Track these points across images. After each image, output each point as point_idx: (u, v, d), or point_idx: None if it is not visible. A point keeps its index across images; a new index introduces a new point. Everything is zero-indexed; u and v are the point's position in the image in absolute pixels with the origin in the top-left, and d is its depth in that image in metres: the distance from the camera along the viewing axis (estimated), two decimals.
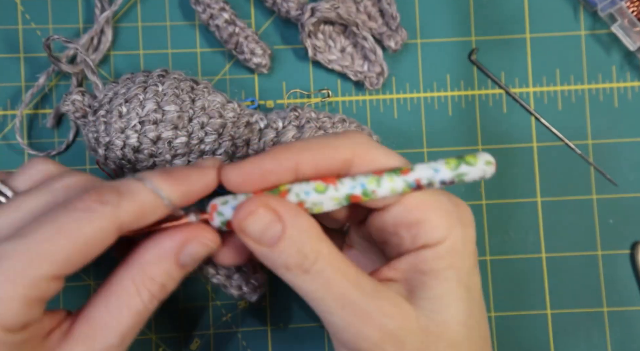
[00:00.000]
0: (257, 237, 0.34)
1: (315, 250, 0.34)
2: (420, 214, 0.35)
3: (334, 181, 0.35)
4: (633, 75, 0.53)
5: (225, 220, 0.36)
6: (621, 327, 0.51)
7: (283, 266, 0.34)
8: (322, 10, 0.49)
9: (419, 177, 0.35)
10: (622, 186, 0.52)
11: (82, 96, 0.45)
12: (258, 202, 0.34)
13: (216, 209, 0.36)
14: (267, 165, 0.35)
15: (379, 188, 0.35)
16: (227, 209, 0.35)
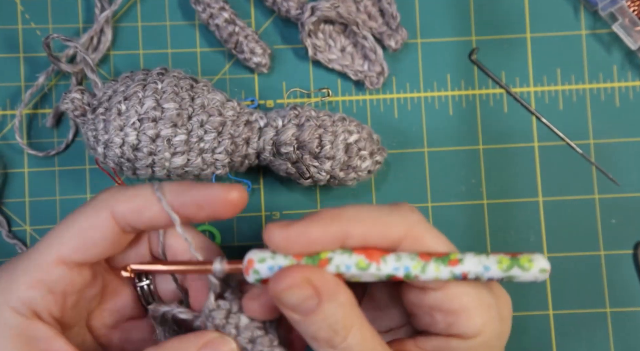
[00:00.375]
0: (292, 307, 0.33)
1: (346, 327, 0.33)
2: (460, 305, 0.34)
3: (377, 258, 0.34)
4: (634, 74, 0.52)
5: (259, 278, 0.35)
6: (624, 328, 0.51)
7: (312, 338, 0.33)
8: (322, 9, 0.49)
9: (467, 271, 0.34)
10: (624, 185, 0.52)
11: (81, 94, 0.45)
12: (299, 276, 0.33)
13: (253, 266, 0.35)
14: (314, 233, 0.34)
15: (422, 274, 0.34)
16: (263, 268, 0.34)
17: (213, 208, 0.35)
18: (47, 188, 0.50)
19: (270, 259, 0.34)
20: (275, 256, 0.34)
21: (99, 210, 0.36)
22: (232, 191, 0.35)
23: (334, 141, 0.46)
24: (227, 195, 0.35)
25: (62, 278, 0.35)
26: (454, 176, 0.52)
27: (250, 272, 0.35)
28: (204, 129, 0.44)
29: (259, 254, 0.35)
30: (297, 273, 0.33)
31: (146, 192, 0.36)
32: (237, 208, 0.36)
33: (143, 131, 0.43)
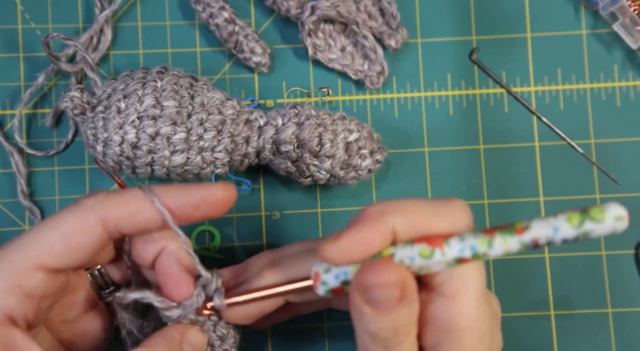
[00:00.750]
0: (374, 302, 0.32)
1: (407, 333, 0.33)
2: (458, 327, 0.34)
3: (440, 243, 0.33)
4: (635, 74, 0.52)
5: (329, 289, 0.34)
6: (626, 328, 0.51)
7: (370, 334, 0.33)
8: (322, 9, 0.49)
9: (537, 237, 0.31)
10: (625, 185, 0.52)
11: (80, 93, 0.45)
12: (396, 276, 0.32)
13: (319, 278, 0.34)
14: (365, 236, 0.33)
15: (490, 249, 0.32)
16: (330, 278, 0.34)
17: (209, 207, 0.36)
18: (47, 188, 0.50)
19: (335, 267, 0.34)
20: None
21: (87, 215, 0.35)
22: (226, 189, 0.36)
23: (334, 140, 0.46)
24: (222, 194, 0.36)
25: (40, 284, 0.34)
26: (454, 176, 0.51)
27: (319, 285, 0.34)
28: (203, 128, 0.44)
29: (323, 266, 0.34)
30: (393, 271, 0.32)
31: (139, 195, 0.35)
32: (230, 205, 0.36)
33: (142, 129, 0.43)
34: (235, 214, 0.51)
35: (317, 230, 0.51)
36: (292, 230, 0.51)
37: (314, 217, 0.51)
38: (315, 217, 0.51)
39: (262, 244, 0.50)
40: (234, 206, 0.50)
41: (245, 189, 0.50)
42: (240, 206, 0.51)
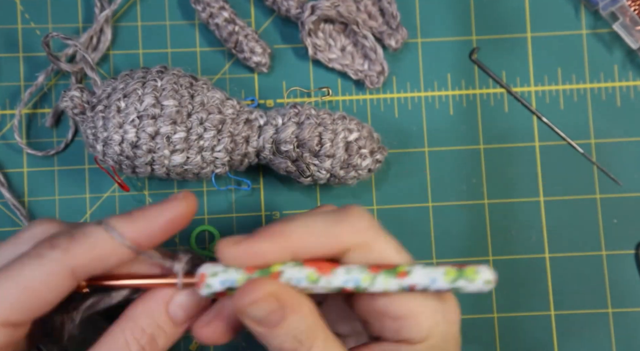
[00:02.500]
0: (258, 321, 0.33)
1: (310, 338, 0.34)
2: (407, 310, 0.35)
3: (327, 271, 0.35)
4: (635, 74, 0.52)
5: (212, 292, 0.35)
6: (626, 328, 0.51)
7: (277, 349, 0.34)
8: (322, 8, 0.49)
9: (415, 283, 0.34)
10: (626, 185, 0.52)
11: (80, 92, 0.45)
12: (263, 290, 0.33)
13: (205, 280, 0.35)
14: (264, 248, 0.34)
15: (371, 286, 0.34)
16: (216, 282, 0.34)
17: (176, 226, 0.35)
18: (47, 188, 0.50)
19: (222, 273, 0.34)
20: (227, 269, 0.34)
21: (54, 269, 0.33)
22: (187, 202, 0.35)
23: (334, 139, 0.46)
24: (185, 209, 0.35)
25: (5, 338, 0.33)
26: (454, 176, 0.51)
27: (203, 286, 0.35)
28: (203, 127, 0.44)
29: (211, 268, 0.35)
30: (261, 287, 0.33)
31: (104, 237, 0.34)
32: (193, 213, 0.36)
33: (142, 129, 0.43)
34: (235, 214, 0.51)
35: None
36: None
37: None
38: None
39: None
40: (234, 206, 0.50)
41: (245, 189, 0.50)
42: (240, 206, 0.51)
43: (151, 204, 0.35)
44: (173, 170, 0.45)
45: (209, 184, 0.50)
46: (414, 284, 0.34)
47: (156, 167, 0.44)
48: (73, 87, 0.46)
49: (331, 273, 0.35)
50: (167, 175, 0.45)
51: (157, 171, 0.45)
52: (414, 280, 0.34)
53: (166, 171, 0.45)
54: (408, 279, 0.34)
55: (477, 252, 0.51)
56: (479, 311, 0.50)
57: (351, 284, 0.34)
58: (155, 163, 0.44)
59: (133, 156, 0.44)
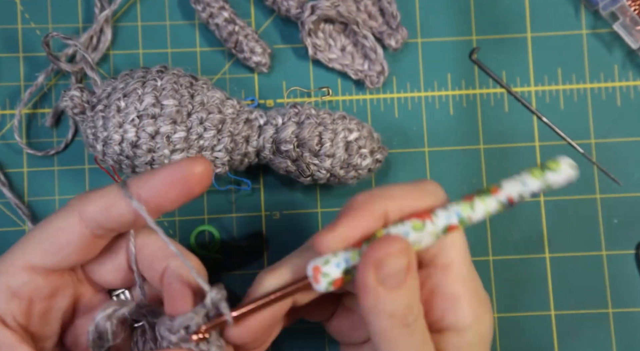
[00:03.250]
0: (383, 277, 0.33)
1: (419, 308, 0.34)
2: (460, 291, 0.36)
3: (428, 216, 0.35)
4: (635, 74, 0.52)
5: (332, 280, 0.34)
6: (626, 328, 0.51)
7: (389, 313, 0.33)
8: (322, 8, 0.49)
9: (510, 193, 0.35)
10: (626, 185, 0.52)
11: (80, 92, 0.45)
12: (400, 246, 0.33)
13: (320, 271, 0.34)
14: (361, 221, 0.34)
15: (473, 212, 0.35)
16: (332, 268, 0.34)
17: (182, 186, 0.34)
18: (46, 188, 0.50)
19: (333, 257, 0.34)
20: (336, 253, 0.34)
21: (66, 214, 0.35)
22: (196, 164, 0.34)
23: (334, 139, 0.46)
24: (192, 169, 0.34)
25: (27, 284, 0.35)
26: (454, 176, 0.51)
27: (320, 277, 0.34)
28: (203, 127, 0.44)
29: (320, 259, 0.34)
30: (396, 241, 0.33)
31: (112, 189, 0.35)
32: (205, 181, 0.35)
33: (142, 128, 0.43)
34: (235, 214, 0.51)
35: (317, 230, 0.50)
36: (292, 230, 0.51)
37: (314, 217, 0.51)
38: (315, 217, 0.51)
39: (262, 244, 0.50)
40: (234, 206, 0.50)
41: (245, 189, 0.50)
42: (240, 205, 0.51)
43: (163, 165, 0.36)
44: None
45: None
46: (510, 194, 0.35)
47: (156, 166, 0.44)
48: (73, 87, 0.46)
49: (432, 215, 0.35)
50: None
51: None
52: (508, 190, 0.35)
53: None
54: (502, 192, 0.35)
55: (477, 252, 0.51)
56: None
57: (454, 218, 0.35)
58: (155, 163, 0.44)
59: (133, 155, 0.44)
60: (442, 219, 0.35)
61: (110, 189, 0.35)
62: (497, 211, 0.35)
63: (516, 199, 0.35)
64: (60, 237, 0.35)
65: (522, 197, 0.35)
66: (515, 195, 0.35)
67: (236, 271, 0.50)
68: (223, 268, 0.50)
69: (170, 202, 0.35)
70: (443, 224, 0.35)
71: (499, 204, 0.35)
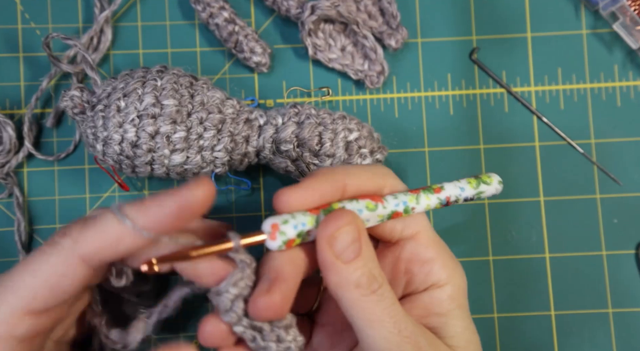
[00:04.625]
0: (339, 252, 0.35)
1: (381, 275, 0.37)
2: (433, 253, 0.40)
3: (380, 200, 0.39)
4: (635, 74, 0.52)
5: (286, 239, 0.36)
6: (626, 328, 0.51)
7: (354, 284, 0.35)
8: (322, 8, 0.49)
9: (449, 195, 0.41)
10: (626, 185, 0.52)
11: (80, 92, 0.45)
12: (349, 218, 0.36)
13: (278, 229, 0.36)
14: (322, 186, 0.37)
15: (417, 205, 0.40)
16: (289, 228, 0.36)
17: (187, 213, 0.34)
18: (47, 188, 0.50)
19: (292, 219, 0.36)
20: (295, 215, 0.36)
21: (66, 258, 0.34)
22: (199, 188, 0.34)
23: (334, 139, 0.46)
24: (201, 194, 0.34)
25: (31, 327, 0.34)
26: (454, 176, 0.51)
27: (277, 235, 0.36)
28: (203, 127, 0.44)
29: (280, 218, 0.36)
30: (343, 215, 0.36)
31: (114, 222, 0.34)
32: (208, 202, 0.34)
33: (142, 128, 0.43)
34: (235, 214, 0.51)
35: None
36: None
37: None
38: None
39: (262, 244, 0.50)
40: (233, 206, 0.50)
41: (245, 189, 0.50)
42: (240, 206, 0.51)
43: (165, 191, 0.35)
44: (173, 170, 0.45)
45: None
46: (448, 196, 0.41)
47: (156, 166, 0.44)
48: (73, 87, 0.46)
49: (383, 200, 0.39)
50: (167, 175, 0.45)
51: (157, 170, 0.45)
52: (448, 192, 0.41)
53: (166, 170, 0.45)
54: (443, 192, 0.41)
55: (477, 252, 0.51)
56: (479, 311, 0.50)
57: (401, 207, 0.39)
58: (155, 163, 0.44)
59: (133, 155, 0.44)
60: (391, 205, 0.39)
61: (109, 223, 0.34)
62: (435, 207, 0.41)
63: (452, 201, 0.41)
64: (62, 282, 0.34)
65: (457, 200, 0.41)
66: (452, 197, 0.41)
67: None
68: None
69: (175, 228, 0.35)
70: (391, 209, 0.39)
71: (438, 202, 0.41)
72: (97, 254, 0.34)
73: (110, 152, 0.44)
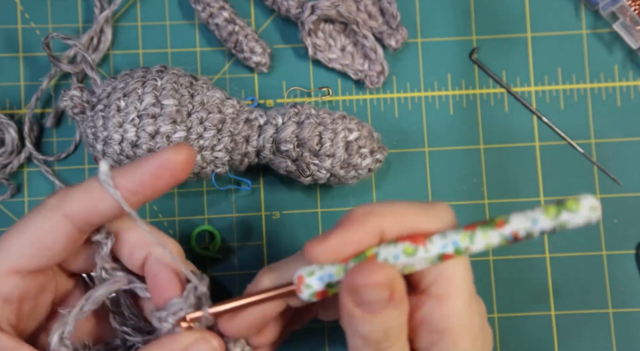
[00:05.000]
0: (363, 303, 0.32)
1: (397, 335, 0.33)
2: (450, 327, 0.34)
3: (422, 241, 0.33)
4: (635, 74, 0.52)
5: (314, 292, 0.34)
6: (626, 328, 0.50)
7: (362, 337, 0.33)
8: (322, 8, 0.49)
9: (516, 229, 0.32)
10: (626, 185, 0.52)
11: (80, 92, 0.45)
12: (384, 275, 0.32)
13: (303, 281, 0.34)
14: (353, 235, 0.33)
15: (472, 244, 0.33)
16: (314, 280, 0.34)
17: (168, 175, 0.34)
18: (47, 188, 0.50)
19: (318, 270, 0.34)
20: (323, 266, 0.34)
21: (50, 214, 0.34)
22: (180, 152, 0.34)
23: (334, 139, 0.46)
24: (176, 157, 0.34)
25: (16, 287, 0.34)
26: (454, 176, 0.51)
27: (303, 288, 0.34)
28: (203, 127, 0.44)
29: (306, 269, 0.34)
30: (381, 270, 0.32)
31: (94, 184, 0.34)
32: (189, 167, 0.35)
33: (142, 128, 0.43)
34: (235, 214, 0.51)
35: (317, 230, 0.50)
36: (292, 230, 0.51)
37: (314, 217, 0.51)
38: (315, 217, 0.51)
39: (262, 244, 0.50)
40: (234, 206, 0.50)
41: (245, 189, 0.50)
42: (240, 206, 0.51)
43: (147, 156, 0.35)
44: None
45: (209, 184, 0.50)
46: (515, 230, 0.32)
47: None
48: (73, 86, 0.46)
49: (427, 241, 0.33)
50: None
51: None
52: (515, 226, 0.32)
53: None
54: (508, 227, 0.32)
55: None
56: None
57: (450, 247, 0.33)
58: None
59: (133, 155, 0.44)
60: (437, 246, 0.33)
61: (92, 185, 0.34)
62: (499, 244, 0.33)
63: (522, 236, 0.32)
64: (46, 239, 0.34)
65: (530, 235, 0.32)
66: (522, 232, 0.32)
67: (236, 271, 0.50)
68: (223, 268, 0.50)
69: (156, 192, 0.35)
70: (437, 252, 0.33)
71: (502, 238, 0.32)
72: (80, 213, 0.34)
73: (110, 152, 0.44)
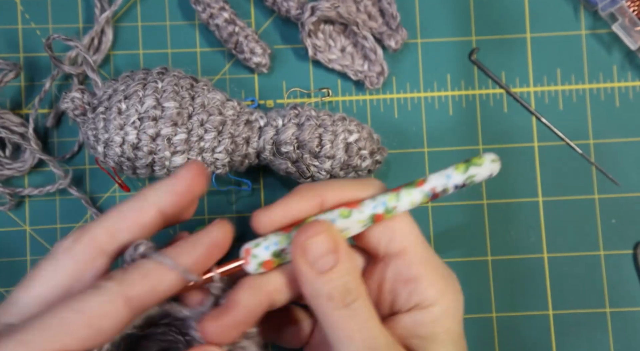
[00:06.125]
0: (313, 261, 0.35)
1: (357, 289, 0.35)
2: (419, 271, 0.38)
3: (355, 205, 0.37)
4: (634, 74, 0.52)
5: (261, 261, 0.36)
6: (624, 328, 0.51)
7: (326, 296, 0.35)
8: (322, 9, 0.49)
9: (434, 185, 0.37)
10: (624, 185, 0.52)
11: (81, 94, 0.45)
12: (322, 228, 0.35)
13: (250, 253, 0.36)
14: (295, 205, 0.37)
15: (399, 202, 0.37)
16: (260, 250, 0.36)
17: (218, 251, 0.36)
18: None
19: (264, 241, 0.37)
20: (267, 237, 0.37)
21: (111, 299, 0.33)
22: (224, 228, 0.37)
23: (334, 141, 0.46)
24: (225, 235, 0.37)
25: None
26: None
27: (250, 259, 0.36)
28: (204, 128, 0.44)
29: (252, 242, 0.37)
30: (319, 225, 0.35)
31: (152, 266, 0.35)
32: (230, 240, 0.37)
33: (143, 130, 0.43)
34: (235, 214, 0.51)
35: None
36: None
37: None
38: None
39: None
40: (234, 207, 0.50)
41: (246, 190, 0.51)
42: (241, 206, 0.51)
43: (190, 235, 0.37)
44: (174, 171, 0.45)
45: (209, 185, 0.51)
46: (433, 186, 0.37)
47: (157, 168, 0.44)
48: (74, 88, 0.46)
49: (359, 205, 0.37)
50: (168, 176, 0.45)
51: (158, 172, 0.45)
52: (433, 183, 0.37)
53: (167, 172, 0.45)
54: (427, 184, 0.37)
55: (475, 252, 0.51)
56: (478, 311, 0.51)
57: (381, 207, 0.37)
58: (156, 164, 0.44)
59: (134, 157, 0.44)
60: (369, 208, 0.37)
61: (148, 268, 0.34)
62: (422, 202, 0.37)
63: (439, 191, 0.37)
64: (104, 323, 0.33)
65: (445, 190, 0.37)
66: (439, 188, 0.37)
67: None
68: None
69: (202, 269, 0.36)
70: (369, 213, 0.37)
71: (423, 195, 0.37)
72: (141, 296, 0.34)
73: (111, 154, 0.44)
